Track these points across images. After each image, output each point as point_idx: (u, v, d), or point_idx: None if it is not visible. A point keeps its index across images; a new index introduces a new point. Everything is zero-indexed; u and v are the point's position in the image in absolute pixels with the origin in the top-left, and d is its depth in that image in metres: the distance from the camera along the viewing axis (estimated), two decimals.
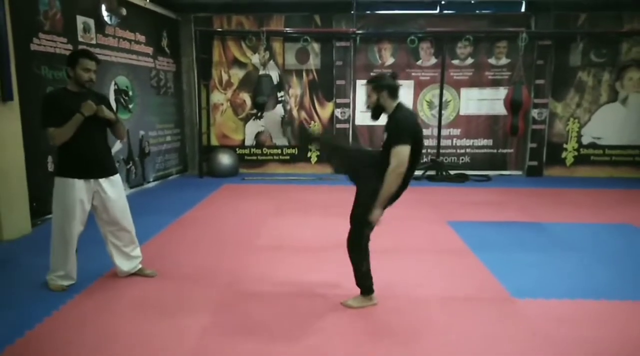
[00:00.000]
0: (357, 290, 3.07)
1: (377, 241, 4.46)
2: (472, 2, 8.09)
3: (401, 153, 2.71)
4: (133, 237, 3.44)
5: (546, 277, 3.55)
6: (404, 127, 2.76)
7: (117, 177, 3.33)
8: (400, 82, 2.96)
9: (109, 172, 3.27)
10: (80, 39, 5.48)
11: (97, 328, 2.72)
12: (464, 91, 8.32)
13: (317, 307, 3.02)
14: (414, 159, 2.80)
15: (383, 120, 2.96)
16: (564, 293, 3.23)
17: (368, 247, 3.01)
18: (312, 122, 2.83)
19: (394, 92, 2.87)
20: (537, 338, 2.63)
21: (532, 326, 2.78)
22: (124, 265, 3.44)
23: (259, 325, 2.79)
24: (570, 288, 3.32)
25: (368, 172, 2.89)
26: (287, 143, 8.65)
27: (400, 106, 2.88)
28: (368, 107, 2.97)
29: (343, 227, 4.89)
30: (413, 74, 8.25)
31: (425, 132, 8.36)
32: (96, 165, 3.21)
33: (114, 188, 3.28)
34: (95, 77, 3.16)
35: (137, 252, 3.51)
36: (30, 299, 3.11)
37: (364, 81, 7.86)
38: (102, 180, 3.21)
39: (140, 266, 3.53)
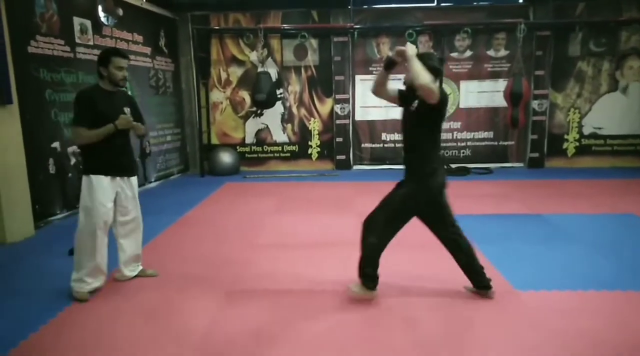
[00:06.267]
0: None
1: None
2: None
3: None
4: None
5: (548, 269, 3.55)
6: None
7: (134, 179, 3.35)
8: (399, 76, 2.94)
9: (131, 172, 3.30)
10: (77, 41, 5.47)
11: (100, 331, 2.73)
12: (463, 84, 8.29)
13: (319, 305, 3.02)
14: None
15: (394, 111, 2.94)
16: (567, 285, 3.23)
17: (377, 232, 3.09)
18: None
19: (436, 75, 2.79)
20: (539, 330, 2.64)
21: (534, 318, 2.78)
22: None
23: (261, 323, 2.79)
24: (572, 280, 3.32)
25: None
26: (287, 141, 8.65)
27: None
28: (404, 83, 2.93)
29: (345, 223, 4.93)
30: None
31: None
32: (119, 165, 3.21)
33: (132, 188, 3.31)
34: (127, 75, 3.18)
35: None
36: (34, 301, 3.12)
37: (362, 76, 7.90)
38: (125, 179, 3.24)
39: (140, 267, 3.54)
